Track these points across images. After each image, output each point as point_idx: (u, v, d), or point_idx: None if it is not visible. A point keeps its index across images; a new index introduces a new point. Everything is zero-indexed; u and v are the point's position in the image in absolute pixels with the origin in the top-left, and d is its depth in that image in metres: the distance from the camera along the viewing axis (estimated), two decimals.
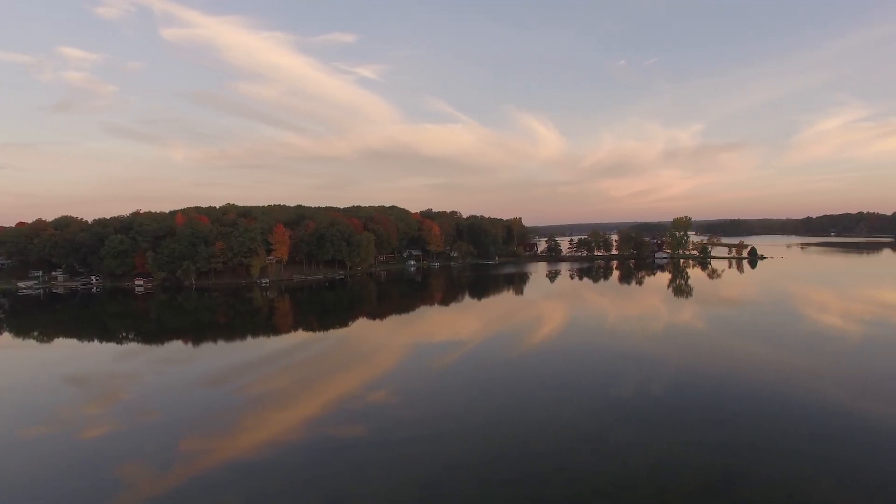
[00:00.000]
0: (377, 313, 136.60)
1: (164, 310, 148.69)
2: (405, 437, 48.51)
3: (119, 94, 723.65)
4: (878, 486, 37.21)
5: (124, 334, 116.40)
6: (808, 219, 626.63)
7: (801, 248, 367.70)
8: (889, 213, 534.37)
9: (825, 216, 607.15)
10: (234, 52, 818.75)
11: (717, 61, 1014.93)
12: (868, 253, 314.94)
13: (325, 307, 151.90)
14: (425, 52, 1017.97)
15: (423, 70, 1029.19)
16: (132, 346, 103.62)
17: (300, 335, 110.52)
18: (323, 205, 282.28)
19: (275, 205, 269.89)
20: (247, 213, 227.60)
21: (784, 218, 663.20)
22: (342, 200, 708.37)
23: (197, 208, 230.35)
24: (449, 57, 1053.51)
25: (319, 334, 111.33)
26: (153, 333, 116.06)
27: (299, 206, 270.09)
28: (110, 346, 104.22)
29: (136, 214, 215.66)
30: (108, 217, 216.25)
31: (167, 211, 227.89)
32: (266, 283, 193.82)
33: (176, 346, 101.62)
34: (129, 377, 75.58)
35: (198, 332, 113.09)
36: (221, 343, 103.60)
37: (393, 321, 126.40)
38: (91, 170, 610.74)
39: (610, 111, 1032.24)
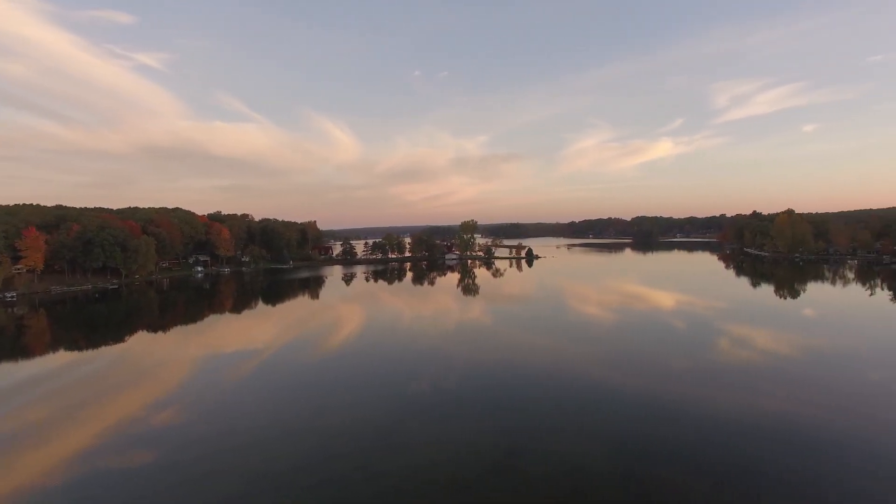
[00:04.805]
0: (160, 325, 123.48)
1: None
2: (198, 456, 45.85)
3: None
4: (628, 445, 46.43)
5: None
6: (573, 223, 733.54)
7: (568, 248, 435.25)
8: (629, 218, 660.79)
9: (585, 221, 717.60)
10: None
11: (500, 79, 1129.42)
12: (615, 252, 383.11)
13: (95, 322, 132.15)
14: (216, 44, 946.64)
15: (214, 63, 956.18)
16: None
17: (63, 356, 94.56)
18: (91, 205, 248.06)
19: (25, 204, 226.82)
20: None
21: (554, 222, 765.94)
22: (116, 201, 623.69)
23: None
24: (243, 51, 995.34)
25: (89, 353, 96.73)
26: None
27: (59, 207, 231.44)
28: None
29: None
30: None
31: None
32: (13, 296, 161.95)
33: None
34: None
35: None
36: None
37: (179, 333, 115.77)
38: None
39: (405, 119, 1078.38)
